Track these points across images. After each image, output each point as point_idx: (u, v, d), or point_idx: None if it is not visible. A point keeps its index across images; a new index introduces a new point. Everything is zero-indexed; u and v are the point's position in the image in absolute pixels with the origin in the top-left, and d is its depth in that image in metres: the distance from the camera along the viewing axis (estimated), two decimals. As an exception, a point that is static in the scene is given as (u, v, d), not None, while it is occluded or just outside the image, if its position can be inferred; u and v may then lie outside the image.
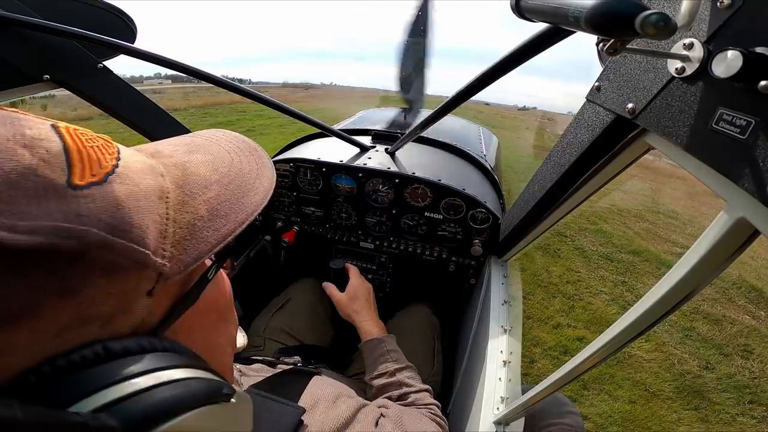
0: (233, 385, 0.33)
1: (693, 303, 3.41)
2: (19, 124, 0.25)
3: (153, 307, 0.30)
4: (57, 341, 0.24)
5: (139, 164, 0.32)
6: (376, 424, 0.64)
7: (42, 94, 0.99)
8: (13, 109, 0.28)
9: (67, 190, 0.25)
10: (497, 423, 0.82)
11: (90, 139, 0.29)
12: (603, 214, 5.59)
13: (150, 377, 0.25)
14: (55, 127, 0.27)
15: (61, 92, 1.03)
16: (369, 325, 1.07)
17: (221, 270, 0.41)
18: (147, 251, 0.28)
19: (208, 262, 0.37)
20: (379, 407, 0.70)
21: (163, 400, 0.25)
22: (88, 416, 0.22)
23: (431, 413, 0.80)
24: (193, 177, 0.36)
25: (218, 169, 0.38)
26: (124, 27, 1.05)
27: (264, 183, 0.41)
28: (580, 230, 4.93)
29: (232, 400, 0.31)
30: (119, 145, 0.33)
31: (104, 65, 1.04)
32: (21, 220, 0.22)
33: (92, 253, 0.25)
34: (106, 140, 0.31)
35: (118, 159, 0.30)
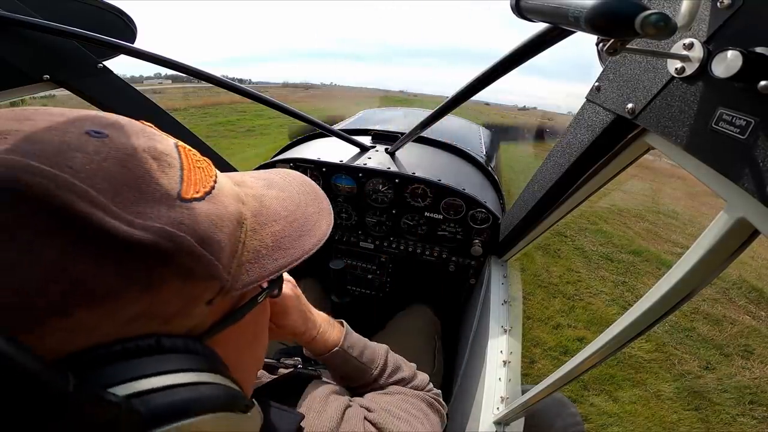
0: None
1: (693, 303, 3.39)
2: (152, 138, 0.30)
3: (208, 315, 0.33)
4: (122, 329, 0.27)
5: (229, 189, 0.36)
6: (363, 427, 0.63)
7: (42, 94, 0.99)
8: (149, 124, 0.33)
9: (176, 200, 0.29)
10: (497, 423, 0.82)
11: (198, 160, 0.34)
12: (603, 214, 5.57)
13: (184, 375, 0.28)
14: (177, 146, 0.33)
15: (61, 92, 1.03)
16: (325, 332, 0.81)
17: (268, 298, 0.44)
18: (220, 265, 0.31)
19: (261, 287, 0.41)
20: (362, 406, 0.68)
21: (189, 398, 0.27)
22: (122, 399, 0.24)
23: (427, 402, 0.74)
24: (266, 209, 0.40)
25: (287, 207, 0.43)
26: (124, 27, 1.04)
27: (322, 227, 0.45)
28: (580, 230, 4.91)
29: (249, 414, 0.33)
30: (216, 170, 0.37)
31: (104, 65, 1.04)
32: (137, 217, 0.26)
33: (180, 257, 0.28)
34: (208, 163, 0.36)
35: (215, 182, 0.34)
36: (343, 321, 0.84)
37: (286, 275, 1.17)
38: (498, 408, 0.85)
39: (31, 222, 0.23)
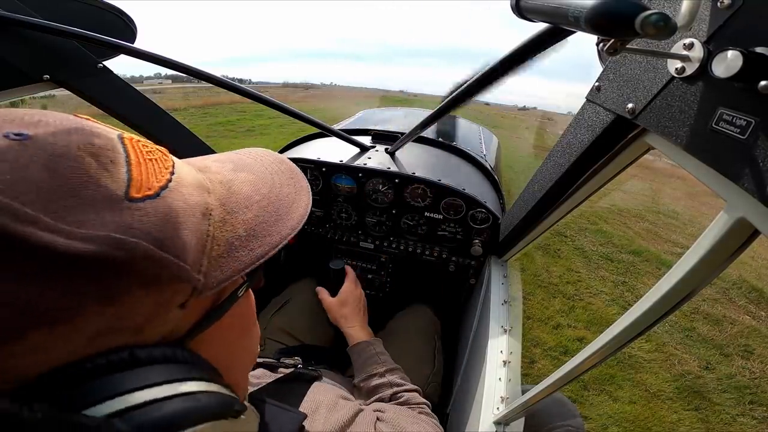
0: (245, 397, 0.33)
1: (693, 303, 3.41)
2: (90, 133, 0.27)
3: (183, 319, 0.31)
4: (88, 346, 0.25)
5: (190, 178, 0.33)
6: (374, 427, 0.64)
7: (42, 94, 0.99)
8: (85, 117, 0.29)
9: (124, 202, 0.26)
10: (497, 423, 0.82)
11: (150, 151, 0.31)
12: (603, 214, 5.56)
13: (166, 388, 0.26)
14: (121, 138, 0.29)
15: (61, 92, 1.03)
16: (355, 330, 1.08)
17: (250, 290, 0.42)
18: (187, 266, 0.29)
19: (239, 280, 0.38)
20: (375, 411, 0.71)
21: (175, 411, 0.25)
22: (101, 420, 0.22)
23: (424, 412, 0.81)
24: (235, 196, 0.37)
25: (260, 190, 0.40)
26: (124, 27, 1.04)
27: (299, 209, 0.42)
28: (580, 230, 4.89)
29: (242, 416, 0.32)
30: (174, 158, 0.34)
31: (104, 65, 1.04)
32: (78, 227, 0.23)
33: (137, 264, 0.25)
34: (163, 153, 0.33)
35: (172, 173, 0.31)
36: (379, 340, 1.05)
37: (347, 268, 1.27)
38: (498, 408, 0.85)
39: None
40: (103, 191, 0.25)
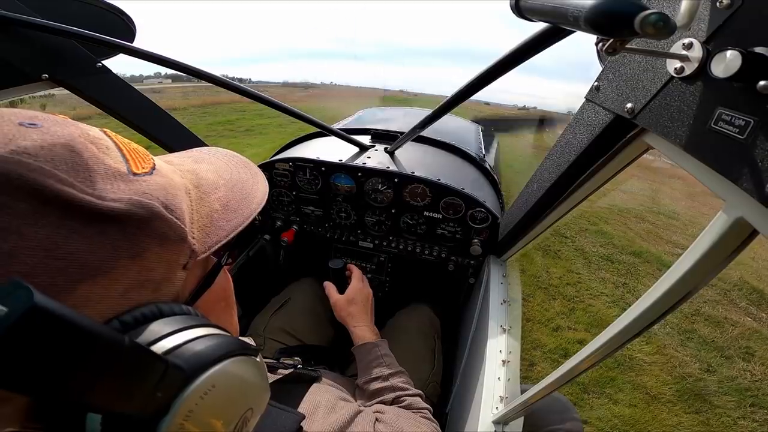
0: None
1: (694, 305, 3.39)
2: (82, 126, 0.31)
3: (185, 282, 0.36)
4: (123, 300, 0.29)
5: (166, 166, 0.38)
6: (374, 428, 0.65)
7: (41, 93, 0.99)
8: (64, 116, 0.33)
9: (129, 175, 0.31)
10: (496, 422, 0.82)
11: (128, 143, 0.36)
12: (603, 215, 5.50)
13: (195, 331, 0.31)
14: (105, 132, 0.34)
15: (61, 91, 1.03)
16: (362, 330, 1.06)
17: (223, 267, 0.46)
18: (186, 229, 0.34)
19: (222, 249, 0.43)
20: (375, 412, 0.72)
21: (209, 348, 0.30)
22: (161, 355, 0.27)
23: (426, 417, 0.81)
24: (203, 180, 0.42)
25: (222, 176, 0.45)
26: (123, 26, 1.04)
27: (261, 188, 0.48)
28: (580, 231, 4.83)
29: (257, 358, 0.36)
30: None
31: (103, 64, 1.04)
32: (104, 192, 0.28)
33: (154, 223, 0.30)
34: (137, 145, 0.38)
35: (154, 161, 0.36)
36: (385, 341, 1.03)
37: (352, 267, 1.28)
38: (497, 407, 0.85)
39: (14, 208, 0.24)
40: (111, 168, 0.30)
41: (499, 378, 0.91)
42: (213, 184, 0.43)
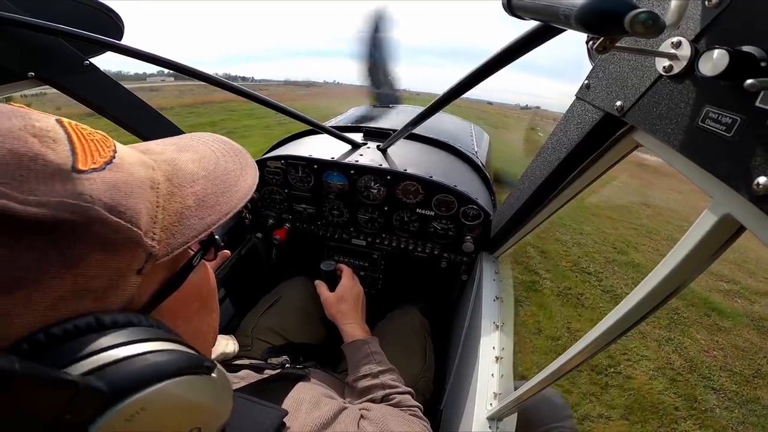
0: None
1: (756, 365, 2.78)
2: (28, 117, 0.29)
3: (142, 287, 0.33)
4: (52, 311, 0.26)
5: (133, 158, 0.35)
6: (358, 425, 0.64)
7: (28, 91, 0.97)
8: (20, 105, 0.31)
9: (72, 173, 0.28)
10: (490, 419, 0.83)
11: (90, 133, 0.33)
12: (631, 239, 4.65)
13: (134, 347, 0.28)
14: (59, 122, 0.31)
15: (51, 90, 1.01)
16: (352, 327, 1.06)
17: (205, 261, 0.44)
18: (139, 231, 0.31)
19: (194, 248, 0.40)
20: (361, 409, 0.71)
21: (146, 367, 0.27)
22: (78, 377, 0.24)
23: (415, 415, 0.81)
24: (181, 172, 0.39)
25: (205, 166, 0.42)
26: (111, 24, 1.02)
27: (247, 181, 0.44)
28: (606, 263, 3.97)
29: (213, 375, 0.33)
30: (115, 141, 0.36)
31: (91, 62, 1.02)
32: (31, 195, 0.25)
33: (92, 228, 0.27)
34: (103, 135, 0.35)
35: (115, 152, 0.33)
36: (375, 338, 1.03)
37: (342, 266, 1.25)
38: (491, 404, 0.86)
39: None
40: (51, 165, 0.27)
41: (492, 374, 0.92)
42: (191, 175, 0.39)
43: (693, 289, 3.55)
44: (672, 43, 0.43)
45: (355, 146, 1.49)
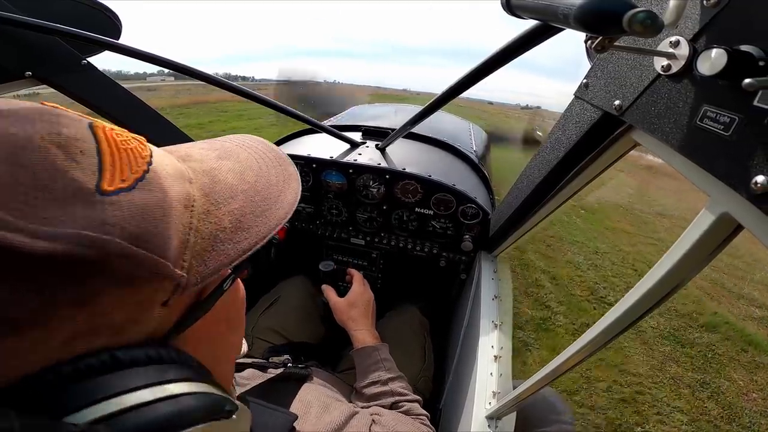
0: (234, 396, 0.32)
1: None
2: (57, 122, 0.25)
3: (167, 316, 0.30)
4: (64, 349, 0.23)
5: (170, 168, 0.31)
6: (369, 430, 0.64)
7: (26, 91, 0.97)
8: (53, 104, 0.27)
9: (95, 195, 0.24)
10: (489, 418, 0.83)
11: (125, 140, 0.29)
12: (652, 258, 4.06)
13: (152, 390, 0.25)
14: (92, 127, 0.27)
15: (44, 89, 1.01)
16: (362, 334, 1.05)
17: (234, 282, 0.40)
18: (168, 262, 0.27)
19: (225, 273, 0.36)
20: (372, 414, 0.71)
21: (163, 415, 0.24)
22: (85, 427, 0.21)
23: (424, 424, 0.81)
24: (220, 185, 0.35)
25: (246, 179, 0.38)
26: (109, 23, 1.02)
27: (288, 197, 0.40)
28: (628, 290, 3.36)
29: (234, 416, 0.30)
30: (152, 147, 0.32)
31: (88, 62, 1.02)
32: (43, 224, 0.21)
33: (112, 263, 0.24)
34: (140, 141, 0.31)
35: (150, 163, 0.29)
36: (386, 345, 1.02)
37: (353, 271, 1.23)
38: (490, 403, 0.86)
39: None
40: (73, 185, 0.23)
41: (491, 373, 0.92)
42: (230, 190, 0.35)
43: (728, 319, 3.25)
44: (670, 42, 0.43)
45: (354, 145, 1.49)
